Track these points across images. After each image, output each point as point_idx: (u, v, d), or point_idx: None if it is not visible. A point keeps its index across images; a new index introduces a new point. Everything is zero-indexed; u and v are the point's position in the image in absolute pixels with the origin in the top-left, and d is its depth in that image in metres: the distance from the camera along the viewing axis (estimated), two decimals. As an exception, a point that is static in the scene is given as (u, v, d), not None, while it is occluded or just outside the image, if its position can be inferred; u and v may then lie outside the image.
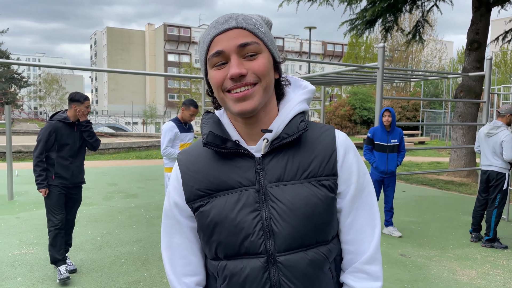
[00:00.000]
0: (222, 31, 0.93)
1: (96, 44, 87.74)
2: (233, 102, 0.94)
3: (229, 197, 0.98)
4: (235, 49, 0.92)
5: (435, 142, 23.74)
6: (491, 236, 5.21)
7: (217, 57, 0.93)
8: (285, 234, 0.95)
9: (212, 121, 1.03)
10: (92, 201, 7.39)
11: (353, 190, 1.02)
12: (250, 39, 0.93)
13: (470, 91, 10.40)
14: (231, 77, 0.92)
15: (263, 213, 0.96)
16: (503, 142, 5.06)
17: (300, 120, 1.00)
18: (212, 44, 0.94)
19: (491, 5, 10.88)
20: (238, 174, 0.99)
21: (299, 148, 1.00)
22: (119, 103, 78.48)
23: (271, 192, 0.97)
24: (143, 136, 28.67)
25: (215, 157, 1.02)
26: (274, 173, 0.98)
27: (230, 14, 0.97)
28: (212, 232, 0.98)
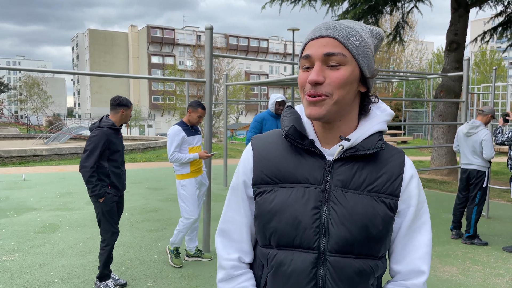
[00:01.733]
0: (315, 37, 0.99)
1: (78, 46, 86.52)
2: (307, 104, 1.00)
3: (294, 190, 1.03)
4: (320, 57, 0.98)
5: (417, 141, 24.11)
6: (472, 233, 5.32)
7: (305, 60, 1.00)
8: (340, 236, 0.99)
9: (294, 116, 1.09)
10: (74, 206, 7.29)
11: (411, 212, 1.06)
12: (337, 50, 0.97)
13: (450, 91, 10.60)
14: (308, 82, 0.98)
15: (323, 212, 1.00)
16: (483, 141, 5.17)
17: (378, 138, 1.05)
18: (306, 48, 1.02)
19: (469, 6, 11.12)
20: (307, 171, 1.04)
21: (369, 163, 1.05)
22: (102, 106, 77.50)
23: (335, 195, 1.01)
24: (127, 139, 28.37)
25: (288, 150, 1.07)
26: (340, 178, 1.03)
27: (330, 22, 1.02)
28: (271, 218, 1.02)
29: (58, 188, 9.12)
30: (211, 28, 4.66)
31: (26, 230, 5.70)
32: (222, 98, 30.95)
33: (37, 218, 6.37)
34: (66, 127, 33.65)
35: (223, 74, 10.01)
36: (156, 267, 4.35)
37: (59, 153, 15.68)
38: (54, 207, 7.14)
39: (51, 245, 5.04)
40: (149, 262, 4.50)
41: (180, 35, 74.74)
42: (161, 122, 69.41)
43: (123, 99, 3.82)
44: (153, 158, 16.26)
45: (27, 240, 5.26)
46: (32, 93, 64.53)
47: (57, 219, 6.34)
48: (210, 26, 4.67)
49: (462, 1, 10.78)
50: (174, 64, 61.76)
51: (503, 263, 4.63)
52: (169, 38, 73.08)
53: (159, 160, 15.34)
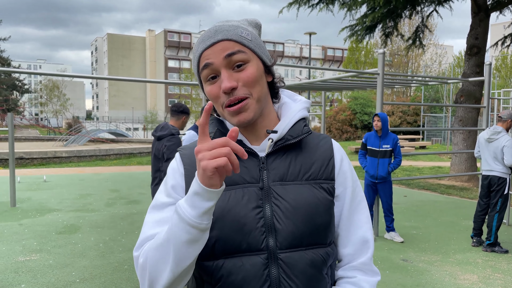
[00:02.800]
0: (209, 46, 0.96)
1: (97, 51, 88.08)
2: (231, 115, 0.97)
3: (232, 193, 0.98)
4: (222, 61, 0.94)
5: (436, 147, 23.75)
6: (492, 241, 5.22)
7: (207, 69, 0.96)
8: (287, 231, 0.96)
9: (217, 121, 1.06)
10: (94, 207, 7.41)
11: (350, 194, 1.07)
12: (237, 48, 0.95)
13: (470, 96, 10.45)
14: (223, 91, 0.94)
15: (265, 210, 0.97)
16: (504, 147, 5.09)
17: (303, 124, 1.05)
18: (201, 59, 0.97)
19: (489, 10, 10.96)
20: (243, 171, 1.00)
21: (301, 152, 1.04)
22: (120, 109, 78.63)
23: (275, 190, 0.99)
24: (144, 142, 28.72)
25: None
26: (277, 172, 1.01)
27: (215, 27, 0.98)
28: (212, 227, 0.95)
29: (77, 189, 9.28)
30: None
31: (48, 231, 5.82)
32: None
33: (59, 219, 6.50)
34: (85, 129, 34.22)
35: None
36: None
37: (78, 155, 15.97)
38: (75, 208, 7.28)
39: (72, 246, 5.14)
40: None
41: (196, 39, 75.28)
42: (178, 125, 69.91)
43: (185, 107, 3.94)
44: (170, 161, 16.42)
45: (49, 240, 5.37)
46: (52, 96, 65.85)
47: (77, 220, 6.46)
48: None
49: (482, 5, 10.64)
50: (190, 68, 62.27)
51: (526, 272, 4.54)
52: (185, 42, 73.80)
53: (176, 163, 15.48)
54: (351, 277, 1.06)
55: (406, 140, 23.52)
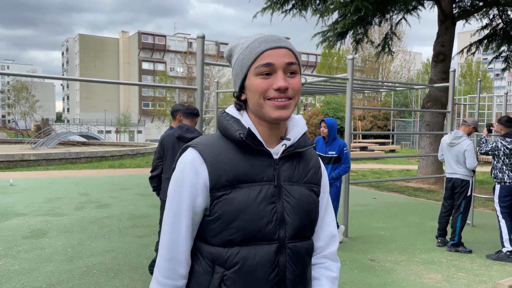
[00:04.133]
0: (273, 47, 1.10)
1: (68, 51, 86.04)
2: (273, 108, 1.10)
3: (252, 189, 1.12)
4: (283, 65, 1.09)
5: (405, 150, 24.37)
6: (456, 241, 5.42)
7: (266, 67, 1.09)
8: (295, 224, 1.15)
9: (238, 120, 1.17)
10: (62, 211, 7.25)
11: (326, 198, 1.29)
12: (294, 60, 1.12)
13: (437, 101, 10.81)
14: (277, 88, 1.08)
15: (278, 205, 1.13)
16: (465, 151, 5.30)
17: (307, 137, 1.24)
18: (262, 56, 1.09)
19: (456, 18, 11.39)
20: (260, 170, 1.14)
21: (301, 159, 1.23)
22: (91, 111, 76.98)
23: (286, 188, 1.16)
24: (116, 145, 28.22)
25: (240, 152, 1.15)
26: (286, 173, 1.17)
27: (275, 35, 1.14)
28: (235, 218, 1.09)
29: (46, 193, 9.06)
30: (203, 37, 4.74)
31: (14, 235, 5.66)
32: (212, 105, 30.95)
33: (25, 223, 6.33)
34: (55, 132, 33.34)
35: (213, 81, 10.07)
36: (145, 273, 4.36)
37: (47, 158, 15.55)
38: (42, 212, 7.10)
39: (39, 250, 5.02)
40: (138, 268, 4.51)
41: (171, 42, 74.78)
42: (151, 128, 69.10)
43: (197, 110, 4.07)
44: (143, 164, 16.22)
45: (15, 245, 5.23)
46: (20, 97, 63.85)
47: (45, 224, 6.31)
48: (202, 35, 4.74)
49: (449, 14, 11.04)
50: (165, 70, 61.70)
51: (486, 270, 4.74)
52: (160, 45, 73.07)
53: (148, 166, 15.30)
54: (322, 263, 1.28)
55: (376, 144, 24.02)
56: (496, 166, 5.24)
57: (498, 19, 12.34)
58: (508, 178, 5.12)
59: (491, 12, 12.30)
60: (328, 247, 1.29)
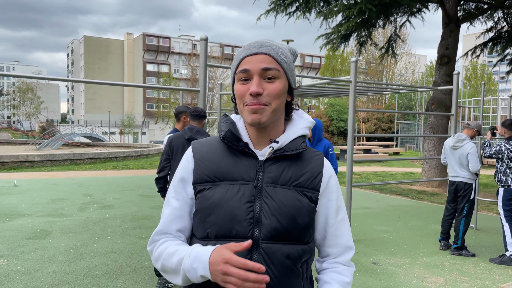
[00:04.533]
0: (251, 54, 1.14)
1: (73, 53, 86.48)
2: (249, 113, 1.13)
3: (230, 187, 1.15)
4: (258, 71, 1.12)
5: (409, 153, 24.28)
6: (459, 244, 5.39)
7: (243, 73, 1.14)
8: (271, 226, 1.13)
9: (230, 122, 1.22)
10: (65, 212, 7.28)
11: (334, 205, 1.26)
12: (272, 65, 1.13)
13: (441, 104, 10.77)
14: (250, 93, 1.11)
15: (256, 205, 1.14)
16: (468, 154, 5.28)
17: (301, 141, 1.22)
18: (242, 63, 1.15)
19: (460, 21, 11.35)
20: (242, 170, 1.17)
21: (295, 162, 1.21)
22: (96, 113, 77.30)
23: (266, 190, 1.16)
24: (120, 146, 28.32)
25: (226, 152, 1.21)
26: (271, 175, 1.17)
27: (262, 41, 1.17)
28: (210, 213, 1.14)
29: (49, 194, 9.09)
30: (206, 39, 4.75)
31: (17, 236, 5.69)
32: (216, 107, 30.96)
33: (28, 224, 6.36)
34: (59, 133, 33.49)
35: (217, 83, 10.10)
36: (147, 274, 4.37)
37: (51, 159, 15.62)
38: (46, 213, 7.13)
39: (42, 251, 5.04)
40: (140, 269, 4.52)
41: (175, 44, 75.00)
42: (155, 130, 69.28)
43: (204, 111, 4.12)
44: (146, 165, 16.25)
45: (18, 245, 5.25)
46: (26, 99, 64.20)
47: (48, 225, 6.33)
48: (205, 37, 4.75)
49: (453, 17, 11.01)
50: (169, 72, 61.90)
51: (489, 274, 4.71)
52: (164, 47, 73.31)
53: (152, 168, 15.34)
54: (335, 267, 1.27)
55: (380, 147, 23.95)
56: (499, 170, 5.21)
57: (503, 21, 12.28)
58: (511, 181, 5.09)
59: (496, 14, 12.25)
60: (342, 255, 1.28)
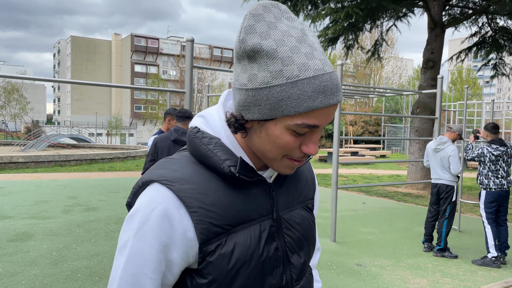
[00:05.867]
0: (330, 105, 0.77)
1: (59, 53, 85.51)
2: (287, 167, 0.84)
3: (251, 231, 0.84)
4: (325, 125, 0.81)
5: (396, 156, 24.53)
6: (442, 246, 5.46)
7: (308, 128, 0.78)
8: (300, 263, 0.91)
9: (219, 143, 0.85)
10: (49, 214, 7.18)
11: (316, 208, 1.09)
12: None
13: (426, 107, 10.91)
14: (311, 154, 0.81)
15: (280, 242, 0.88)
16: (450, 156, 5.36)
17: None
18: (312, 114, 0.76)
19: (445, 26, 11.52)
20: (257, 202, 0.87)
21: (294, 175, 0.99)
22: (82, 114, 76.49)
23: (285, 219, 0.91)
24: (107, 148, 28.08)
25: (225, 185, 0.84)
26: (283, 199, 0.92)
27: (332, 73, 0.77)
28: (236, 275, 0.81)
29: (33, 196, 8.97)
30: (192, 40, 4.74)
31: (-2, 238, 5.60)
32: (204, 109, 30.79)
33: (11, 226, 6.25)
34: (45, 134, 33.07)
35: (205, 84, 10.09)
36: (130, 277, 4.33)
37: (36, 161, 15.41)
38: (29, 215, 7.03)
39: (24, 254, 4.97)
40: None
41: (164, 45, 74.69)
42: (143, 131, 68.84)
43: (190, 113, 4.09)
44: (133, 167, 16.13)
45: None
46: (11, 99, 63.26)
47: (31, 227, 6.24)
48: (191, 38, 4.75)
49: (438, 21, 11.17)
50: (157, 73, 61.62)
51: (471, 275, 4.77)
52: (153, 48, 72.94)
53: (138, 170, 15.22)
54: None
55: (367, 149, 24.16)
56: (482, 172, 5.30)
57: (487, 27, 12.51)
58: (493, 184, 5.18)
59: (480, 20, 12.47)
60: (314, 257, 1.14)
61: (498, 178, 5.16)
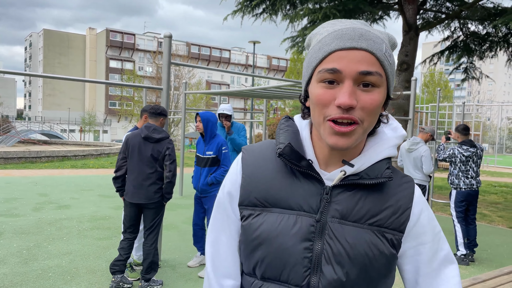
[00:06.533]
0: (347, 48, 0.81)
1: (31, 47, 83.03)
2: (330, 133, 0.83)
3: (284, 217, 0.89)
4: (354, 74, 0.81)
5: (371, 156, 24.97)
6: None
7: (331, 74, 0.82)
8: (334, 277, 0.86)
9: (292, 131, 0.95)
10: (19, 212, 6.97)
11: (428, 249, 0.94)
12: (374, 69, 0.81)
13: (400, 109, 11.15)
14: (339, 105, 0.80)
15: (316, 246, 0.87)
16: (422, 156, 5.51)
17: (386, 166, 0.91)
18: (330, 57, 0.82)
19: (419, 30, 11.80)
20: (302, 196, 0.90)
21: (374, 192, 0.91)
22: (55, 109, 74.54)
23: (331, 227, 0.88)
24: (80, 145, 27.49)
25: (282, 169, 0.93)
26: (340, 208, 0.89)
27: (359, 29, 0.82)
28: (257, 247, 0.90)
29: (2, 193, 8.68)
30: (170, 36, 4.70)
31: (-35, 237, 5.40)
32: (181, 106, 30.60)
33: (-22, 224, 6.05)
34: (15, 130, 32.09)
35: (182, 82, 10.00)
36: (103, 276, 4.26)
37: (5, 157, 14.93)
38: (-3, 213, 6.81)
39: (-8, 253, 4.81)
40: (96, 271, 4.40)
41: (140, 41, 73.57)
42: (117, 128, 67.65)
43: (163, 109, 4.04)
44: (107, 164, 15.85)
45: (-35, 247, 4.98)
46: (-21, 93, 61.03)
47: (0, 225, 6.06)
48: (169, 34, 4.70)
49: (413, 25, 11.43)
50: (133, 69, 60.60)
51: (441, 272, 4.91)
52: (129, 43, 71.74)
53: (112, 167, 14.96)
54: None
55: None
56: (452, 173, 5.46)
57: (459, 31, 12.88)
58: (463, 184, 5.34)
59: (453, 24, 12.83)
60: None
61: (468, 178, 5.32)
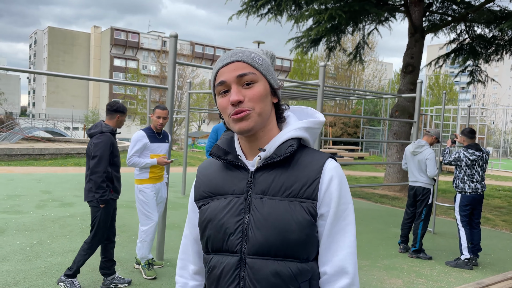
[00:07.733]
0: (225, 64, 1.11)
1: (36, 44, 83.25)
2: (234, 123, 1.10)
3: (222, 201, 1.16)
4: (234, 79, 1.09)
5: (373, 158, 24.90)
6: (418, 247, 5.57)
7: (221, 86, 1.11)
8: (256, 240, 1.09)
9: (225, 137, 1.23)
10: (22, 209, 6.99)
11: (332, 214, 1.09)
12: (247, 70, 1.10)
13: (404, 111, 11.11)
14: (231, 103, 1.08)
15: (245, 219, 1.11)
16: (427, 160, 5.47)
17: (289, 144, 1.12)
18: (218, 76, 1.12)
19: (425, 32, 11.75)
20: (234, 183, 1.16)
21: (287, 169, 1.13)
22: (58, 107, 74.73)
23: (254, 203, 1.12)
24: (83, 142, 27.52)
25: (222, 167, 1.21)
26: (260, 186, 1.13)
27: (233, 50, 1.15)
28: (205, 227, 1.16)
29: (5, 190, 8.70)
30: (176, 36, 4.69)
31: (-32, 233, 5.41)
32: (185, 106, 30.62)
33: (-19, 221, 6.06)
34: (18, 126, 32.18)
35: (186, 81, 9.99)
36: (106, 274, 4.25)
37: (9, 154, 14.96)
38: (1, 210, 6.81)
39: (-5, 249, 4.81)
40: (98, 269, 4.38)
41: (145, 39, 73.67)
42: (121, 127, 67.70)
43: (119, 105, 3.92)
44: (110, 163, 15.84)
45: (-31, 243, 4.99)
46: (-17, 89, 61.22)
47: (3, 222, 6.06)
48: (175, 34, 4.69)
49: (419, 27, 11.38)
50: (137, 68, 60.65)
51: (444, 276, 4.89)
52: (133, 42, 71.84)
53: (116, 165, 14.96)
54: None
55: (346, 151, 24.44)
56: (458, 176, 5.43)
57: (465, 34, 12.82)
58: (468, 188, 5.31)
59: (459, 27, 12.77)
60: (335, 281, 1.09)
61: (473, 182, 5.29)
